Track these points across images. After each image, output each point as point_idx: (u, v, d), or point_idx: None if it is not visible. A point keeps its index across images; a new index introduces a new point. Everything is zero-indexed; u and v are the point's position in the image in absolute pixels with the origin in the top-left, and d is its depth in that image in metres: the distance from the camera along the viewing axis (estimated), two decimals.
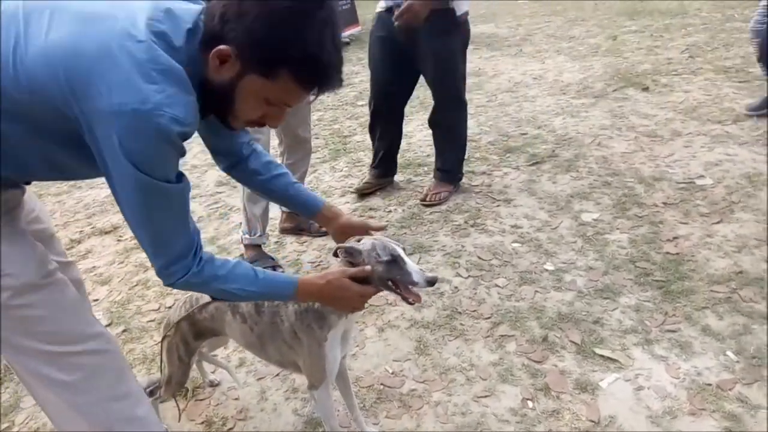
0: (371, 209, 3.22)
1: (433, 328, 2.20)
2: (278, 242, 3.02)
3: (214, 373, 2.12)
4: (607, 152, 3.50)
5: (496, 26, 7.83)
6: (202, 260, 1.18)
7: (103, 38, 0.97)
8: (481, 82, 5.31)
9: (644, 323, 2.06)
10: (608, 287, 2.29)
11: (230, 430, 1.88)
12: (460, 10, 2.79)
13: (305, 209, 1.55)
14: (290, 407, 1.94)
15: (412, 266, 1.30)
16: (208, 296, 1.52)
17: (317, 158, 4.11)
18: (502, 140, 3.90)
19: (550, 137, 3.85)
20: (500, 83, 5.21)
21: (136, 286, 2.78)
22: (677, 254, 2.42)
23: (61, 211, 3.79)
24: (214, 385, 2.08)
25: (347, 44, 7.21)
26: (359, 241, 1.37)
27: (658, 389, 1.78)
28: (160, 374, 1.77)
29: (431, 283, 1.29)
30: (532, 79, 5.21)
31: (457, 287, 2.43)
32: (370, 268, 1.30)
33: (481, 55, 6.33)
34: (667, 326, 2.03)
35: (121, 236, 3.32)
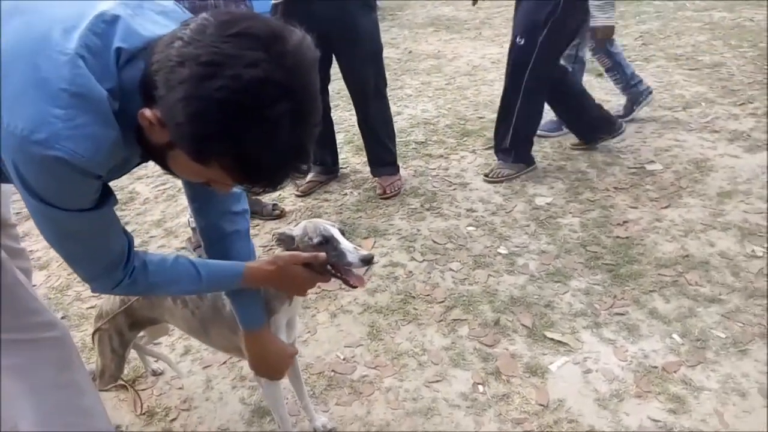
0: (327, 192, 3.14)
1: (386, 312, 2.17)
2: None
3: (157, 361, 2.03)
4: (562, 137, 3.52)
5: (455, 9, 7.78)
6: (134, 271, 1.08)
7: (20, 38, 0.82)
8: (440, 65, 5.26)
9: (594, 306, 2.09)
10: (559, 271, 2.30)
11: (173, 420, 1.81)
12: None
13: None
14: (237, 396, 1.87)
15: (345, 245, 1.24)
16: None
17: None
18: (459, 124, 3.88)
19: None
20: (459, 66, 5.18)
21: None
22: (627, 238, 2.45)
23: None
24: (157, 374, 1.99)
25: None
26: (295, 225, 1.31)
27: (605, 372, 1.80)
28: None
29: (366, 261, 1.23)
30: (490, 62, 5.20)
31: (411, 271, 2.40)
32: (324, 255, 1.24)
33: (440, 37, 6.27)
34: (615, 309, 2.06)
35: None
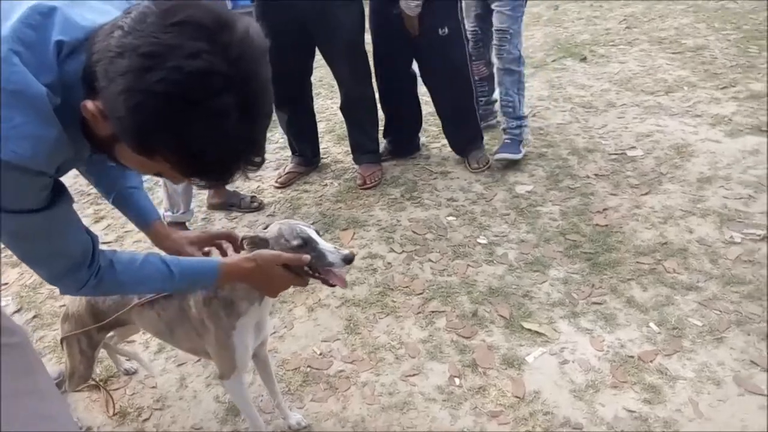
0: (306, 183, 3.10)
1: (364, 305, 2.15)
2: (206, 218, 2.87)
3: (130, 360, 1.99)
4: (543, 123, 3.50)
5: None
6: (100, 269, 1.04)
7: None
8: None
9: (571, 296, 2.07)
10: (538, 260, 2.29)
11: (146, 420, 1.78)
12: None
13: (137, 219, 1.37)
14: (212, 394, 1.85)
15: (325, 246, 1.21)
16: None
17: None
18: None
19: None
20: None
21: None
22: (606, 226, 2.44)
23: None
24: (129, 373, 1.96)
25: None
26: (266, 228, 1.27)
27: (582, 363, 1.79)
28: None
29: (348, 260, 1.20)
30: None
31: (390, 263, 2.37)
32: (308, 257, 1.19)
33: None
34: (593, 298, 2.05)
35: None
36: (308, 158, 3.16)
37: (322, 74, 3.12)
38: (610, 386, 1.70)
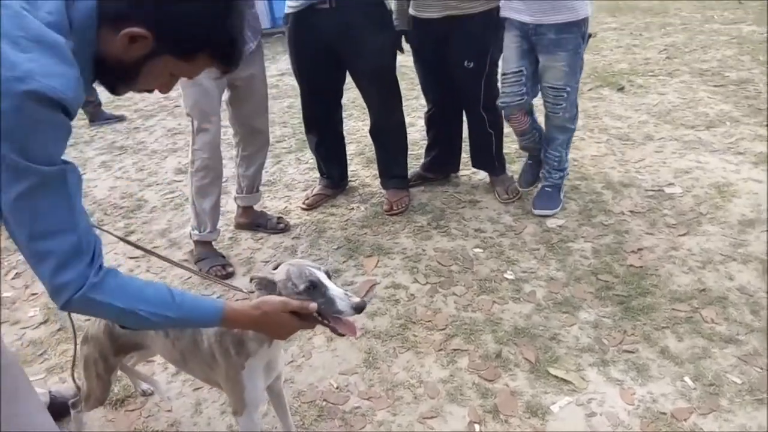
0: (333, 206, 3.08)
1: (384, 338, 2.10)
2: (232, 238, 2.87)
3: (147, 381, 1.98)
4: (578, 154, 3.42)
5: None
6: (101, 269, 1.01)
7: None
8: None
9: (602, 341, 1.98)
10: (568, 300, 2.21)
11: None
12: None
13: None
14: (225, 422, 1.81)
15: (335, 292, 1.15)
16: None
17: (283, 148, 3.96)
18: None
19: None
20: None
21: None
22: (640, 267, 2.34)
23: None
24: (146, 394, 1.95)
25: None
26: (275, 268, 1.23)
27: (610, 416, 1.70)
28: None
29: (358, 309, 1.14)
30: None
31: (413, 294, 2.32)
32: (315, 305, 1.15)
33: None
34: (625, 346, 1.95)
35: None
36: (336, 181, 3.15)
37: (355, 95, 3.12)
38: None
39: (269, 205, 3.14)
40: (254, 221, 2.87)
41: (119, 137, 4.50)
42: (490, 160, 3.02)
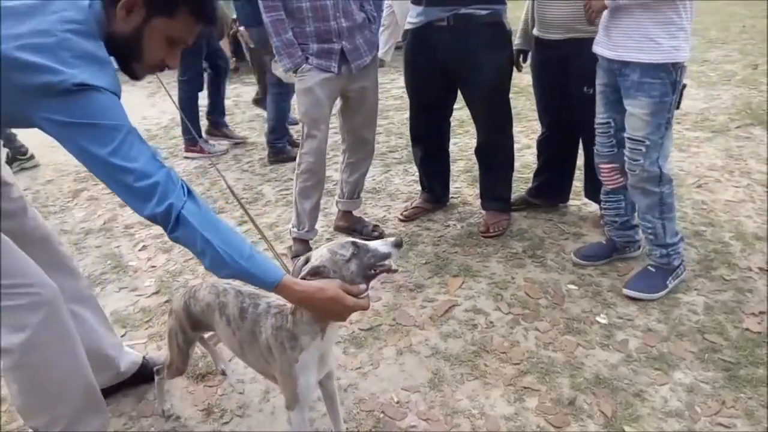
0: (430, 220, 3.09)
1: (454, 362, 2.05)
2: (330, 239, 2.99)
3: (231, 360, 2.13)
4: (709, 197, 3.08)
5: None
6: (191, 192, 1.25)
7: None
8: None
9: (694, 408, 1.77)
10: (664, 357, 2.00)
11: (226, 423, 1.87)
12: None
13: None
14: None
15: (374, 244, 1.31)
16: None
17: (394, 158, 4.04)
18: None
19: None
20: None
21: (191, 259, 2.87)
22: (758, 333, 2.05)
23: None
24: (224, 374, 2.09)
25: None
26: (305, 263, 1.33)
27: None
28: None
29: (398, 245, 1.31)
30: None
31: (493, 322, 2.25)
32: (365, 287, 1.30)
33: None
34: (720, 418, 1.72)
35: None
36: (437, 196, 3.15)
37: (468, 112, 3.11)
38: None
39: (369, 212, 3.22)
40: (352, 226, 2.97)
41: (253, 134, 4.89)
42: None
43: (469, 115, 2.99)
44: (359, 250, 1.29)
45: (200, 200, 1.26)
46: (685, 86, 2.12)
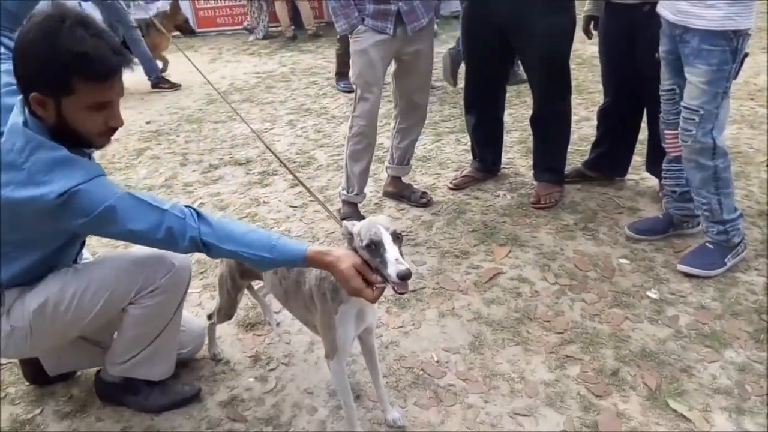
0: (479, 190, 3.06)
1: (496, 327, 2.06)
2: (378, 204, 3.02)
3: (279, 313, 2.21)
4: None
5: None
6: (199, 215, 1.36)
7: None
8: None
9: (744, 387, 1.71)
10: (716, 334, 1.93)
11: (272, 370, 1.96)
12: None
13: None
14: None
15: (390, 255, 1.22)
16: None
17: (447, 127, 4.00)
18: None
19: None
20: None
21: (243, 218, 2.98)
22: None
23: (212, 138, 4.18)
24: (274, 324, 2.17)
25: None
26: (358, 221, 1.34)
27: None
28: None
29: (403, 277, 1.19)
30: None
31: (538, 291, 2.23)
32: (378, 279, 1.28)
33: None
34: None
35: (250, 169, 3.57)
36: (488, 165, 3.11)
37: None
38: None
39: (419, 179, 3.22)
40: (400, 192, 2.98)
41: (308, 101, 4.94)
42: None
43: (527, 86, 2.92)
44: (375, 249, 1.24)
45: (208, 217, 1.36)
46: (747, 54, 2.01)
